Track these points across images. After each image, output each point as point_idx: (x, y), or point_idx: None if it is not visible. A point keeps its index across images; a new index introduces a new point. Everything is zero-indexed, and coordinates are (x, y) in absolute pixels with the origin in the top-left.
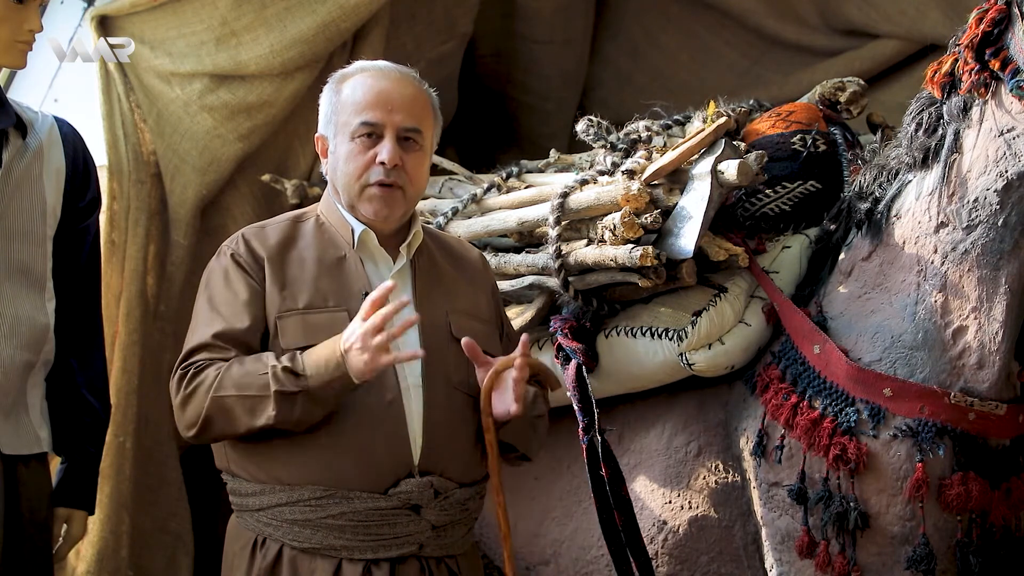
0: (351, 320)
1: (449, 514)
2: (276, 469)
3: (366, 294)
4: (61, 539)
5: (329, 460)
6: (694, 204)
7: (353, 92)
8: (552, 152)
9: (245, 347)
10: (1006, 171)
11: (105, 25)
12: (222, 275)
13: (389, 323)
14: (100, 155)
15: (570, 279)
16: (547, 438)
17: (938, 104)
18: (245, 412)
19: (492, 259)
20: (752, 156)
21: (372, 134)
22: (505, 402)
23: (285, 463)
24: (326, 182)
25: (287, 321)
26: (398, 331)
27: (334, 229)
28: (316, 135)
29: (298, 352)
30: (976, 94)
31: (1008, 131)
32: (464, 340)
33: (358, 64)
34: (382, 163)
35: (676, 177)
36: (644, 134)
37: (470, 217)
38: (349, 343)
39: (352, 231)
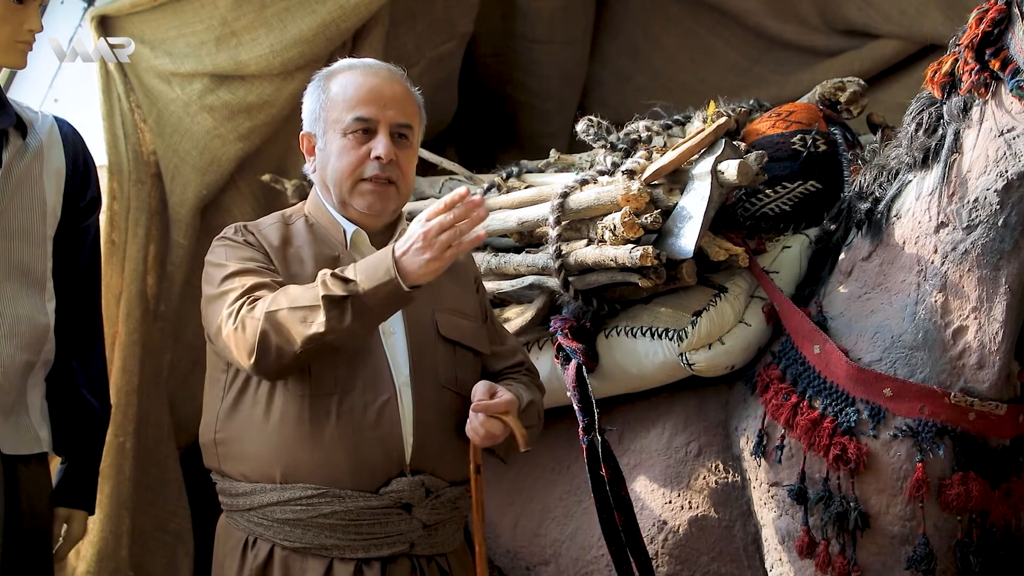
0: None
1: (440, 513)
2: (268, 468)
3: None
4: (61, 539)
5: (321, 459)
6: (694, 204)
7: (344, 89)
8: (552, 152)
9: None
10: (1006, 171)
11: (105, 25)
12: (246, 250)
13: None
14: (100, 155)
15: (570, 279)
16: (547, 438)
17: (938, 104)
18: (297, 322)
19: (492, 259)
20: (752, 156)
21: (366, 130)
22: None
23: (277, 462)
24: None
25: None
26: (467, 227)
27: (325, 230)
28: (301, 134)
29: (349, 265)
30: (976, 94)
31: (1008, 131)
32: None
33: (344, 62)
34: (377, 158)
35: (676, 177)
36: (644, 134)
37: None
38: (407, 245)
39: (344, 232)
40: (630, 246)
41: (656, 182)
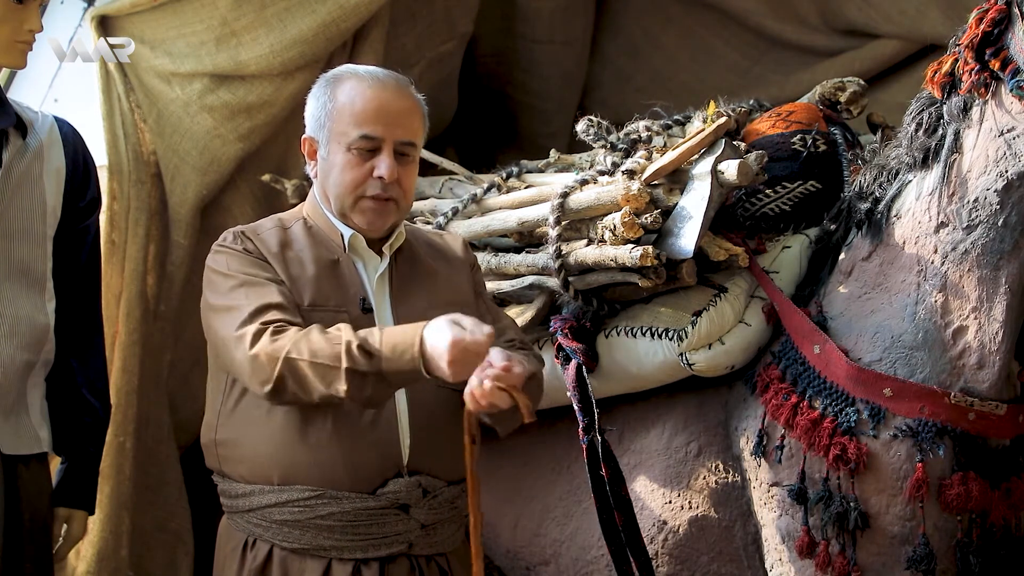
0: (351, 322)
1: (438, 513)
2: (266, 470)
3: (363, 299)
4: (61, 539)
5: (318, 461)
6: (694, 204)
7: (351, 101)
8: (552, 152)
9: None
10: (1006, 171)
11: (105, 25)
12: (249, 262)
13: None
14: (100, 155)
15: (570, 279)
16: (547, 438)
17: (938, 104)
18: (318, 379)
19: (492, 259)
20: (752, 156)
21: (371, 148)
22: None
23: (275, 464)
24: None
25: None
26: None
27: (324, 233)
28: (304, 136)
29: (376, 329)
30: (976, 94)
31: (1008, 131)
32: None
33: (350, 68)
34: (380, 177)
35: (676, 177)
36: (644, 134)
37: (470, 217)
38: (437, 348)
39: (342, 236)
40: (630, 246)
41: (656, 182)
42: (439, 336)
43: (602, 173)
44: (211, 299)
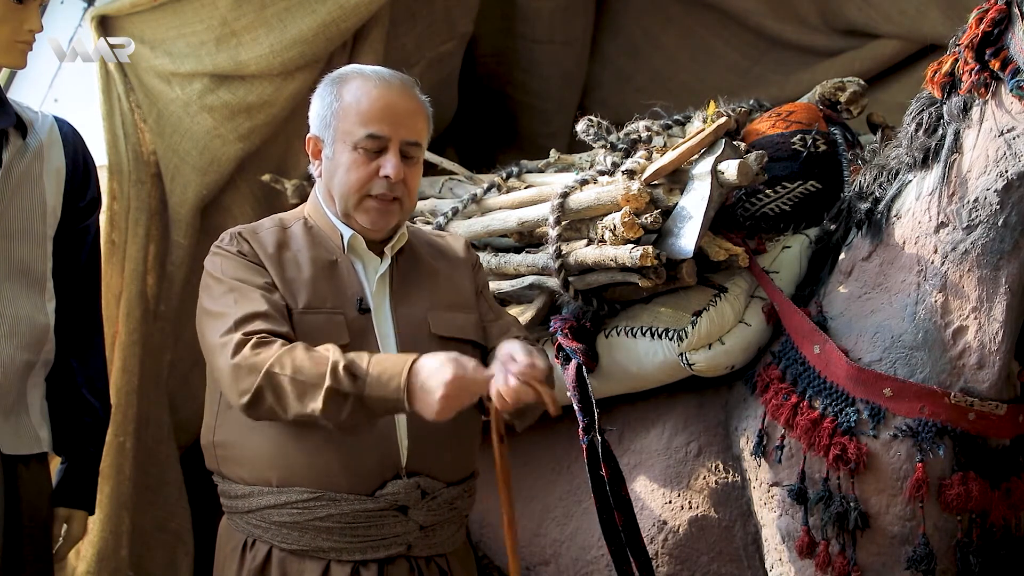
0: (347, 323)
1: (437, 514)
2: (265, 472)
3: (360, 300)
4: (61, 539)
5: (317, 462)
6: (694, 204)
7: (357, 100)
8: (552, 152)
9: (290, 326)
10: (1006, 171)
11: (105, 25)
12: (242, 266)
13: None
14: (100, 155)
15: (570, 279)
16: (547, 438)
17: (938, 104)
18: (295, 396)
19: (492, 259)
20: (752, 156)
21: (377, 148)
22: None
23: (273, 466)
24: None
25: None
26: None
27: (324, 233)
28: (308, 136)
29: (366, 353)
30: (976, 94)
31: (1008, 131)
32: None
33: (355, 68)
34: (386, 177)
35: (676, 177)
36: (644, 134)
37: (470, 217)
38: (426, 381)
39: (341, 236)
40: (630, 246)
41: (656, 182)
42: (439, 370)
43: (602, 173)
44: (204, 303)
